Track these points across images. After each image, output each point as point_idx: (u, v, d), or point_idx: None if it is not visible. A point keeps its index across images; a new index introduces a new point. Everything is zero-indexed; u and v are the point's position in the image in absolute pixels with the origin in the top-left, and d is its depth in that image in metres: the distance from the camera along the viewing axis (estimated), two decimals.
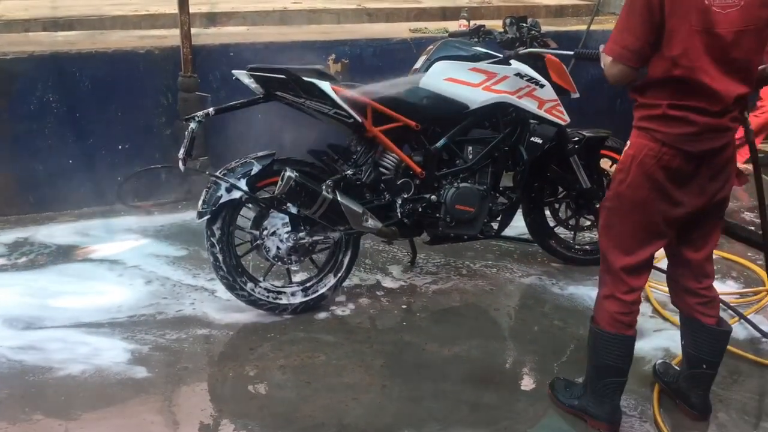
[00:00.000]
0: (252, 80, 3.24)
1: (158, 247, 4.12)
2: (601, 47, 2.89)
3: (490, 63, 3.50)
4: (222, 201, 3.21)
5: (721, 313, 2.83)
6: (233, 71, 3.29)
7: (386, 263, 4.01)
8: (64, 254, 4.02)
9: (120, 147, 4.69)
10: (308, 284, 3.50)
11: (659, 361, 3.03)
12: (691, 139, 2.39)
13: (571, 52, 3.47)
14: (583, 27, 5.55)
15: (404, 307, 3.58)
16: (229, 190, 3.21)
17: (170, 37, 4.93)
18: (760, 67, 2.46)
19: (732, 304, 3.53)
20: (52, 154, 4.54)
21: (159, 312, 3.43)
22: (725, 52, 2.32)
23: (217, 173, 3.26)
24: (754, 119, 5.54)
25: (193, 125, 3.19)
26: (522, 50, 3.53)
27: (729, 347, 3.17)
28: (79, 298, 3.54)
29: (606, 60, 2.46)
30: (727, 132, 2.44)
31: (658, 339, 3.33)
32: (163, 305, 3.50)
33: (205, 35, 5.14)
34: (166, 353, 3.13)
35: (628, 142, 2.53)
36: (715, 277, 3.82)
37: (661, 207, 2.48)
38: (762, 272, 3.90)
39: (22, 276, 3.76)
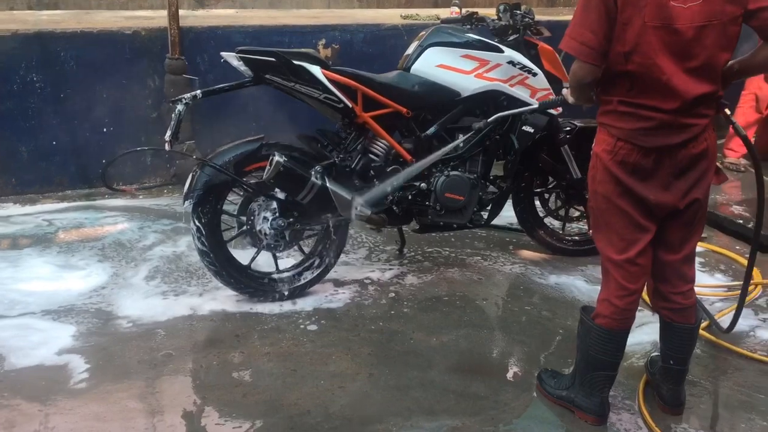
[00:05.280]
0: (241, 63, 3.18)
1: (143, 232, 4.06)
2: (564, 91, 2.87)
3: (483, 50, 3.47)
4: (208, 185, 3.16)
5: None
6: (222, 53, 3.23)
7: (374, 251, 3.98)
8: (45, 238, 3.95)
9: (105, 129, 4.62)
10: (295, 271, 3.46)
11: (654, 353, 3.01)
12: (645, 133, 2.31)
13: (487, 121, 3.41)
14: None
15: (392, 296, 3.54)
16: (215, 175, 3.16)
17: (157, 18, 4.86)
18: (728, 63, 2.30)
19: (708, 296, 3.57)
20: (35, 135, 4.47)
21: (141, 297, 3.38)
22: (685, 49, 2.21)
23: (204, 157, 3.20)
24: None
25: (179, 107, 3.13)
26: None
27: (720, 341, 3.18)
28: (58, 283, 3.49)
29: (572, 80, 2.39)
30: (686, 128, 2.31)
31: (643, 333, 3.29)
32: (145, 290, 3.45)
33: (193, 17, 5.07)
34: (148, 339, 3.08)
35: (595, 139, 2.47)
36: (704, 270, 3.89)
37: (629, 201, 2.41)
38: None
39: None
